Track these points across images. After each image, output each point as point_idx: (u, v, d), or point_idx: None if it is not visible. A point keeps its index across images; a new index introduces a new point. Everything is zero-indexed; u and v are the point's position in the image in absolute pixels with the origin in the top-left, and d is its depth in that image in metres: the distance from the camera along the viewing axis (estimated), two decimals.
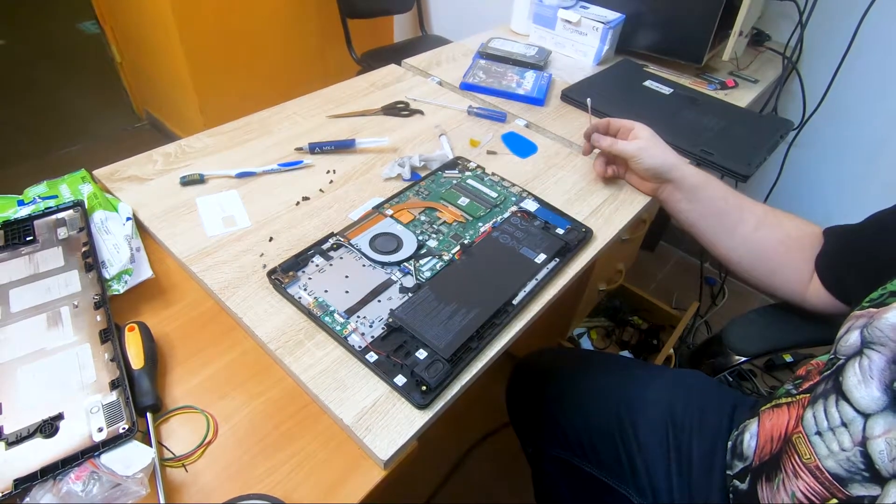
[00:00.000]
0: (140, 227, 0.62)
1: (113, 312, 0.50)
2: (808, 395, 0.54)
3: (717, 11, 0.99)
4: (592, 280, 1.13)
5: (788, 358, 1.42)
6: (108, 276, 0.53)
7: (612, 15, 1.08)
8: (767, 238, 0.67)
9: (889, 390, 0.45)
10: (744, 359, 0.77)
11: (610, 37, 1.07)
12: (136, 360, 0.46)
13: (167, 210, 0.63)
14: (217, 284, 0.55)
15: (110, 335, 0.48)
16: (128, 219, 0.59)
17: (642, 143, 0.70)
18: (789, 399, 0.57)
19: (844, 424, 0.47)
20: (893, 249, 0.56)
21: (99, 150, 2.00)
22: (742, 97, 1.06)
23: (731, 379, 1.32)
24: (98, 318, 0.49)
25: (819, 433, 0.49)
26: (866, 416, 0.45)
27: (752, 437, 0.60)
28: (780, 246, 0.67)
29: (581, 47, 1.09)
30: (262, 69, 1.84)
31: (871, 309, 0.51)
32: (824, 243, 0.65)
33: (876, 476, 0.43)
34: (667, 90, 0.99)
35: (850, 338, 0.51)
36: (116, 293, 0.53)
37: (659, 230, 1.72)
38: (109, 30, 1.96)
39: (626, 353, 1.33)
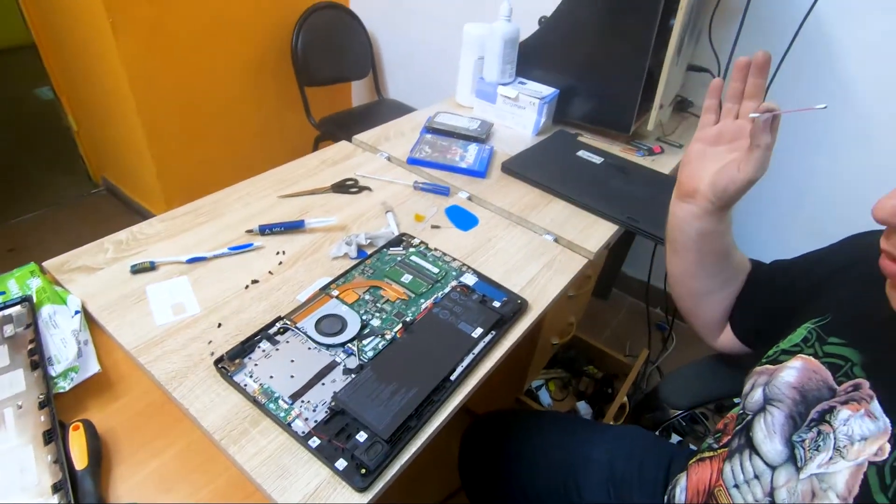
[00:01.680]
0: (89, 319, 0.63)
1: (58, 410, 0.51)
2: (726, 449, 0.58)
3: (639, 87, 1.10)
4: (544, 335, 1.18)
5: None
6: (54, 374, 0.54)
7: (547, 90, 1.18)
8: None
9: (789, 443, 0.50)
10: (678, 413, 0.83)
11: (546, 110, 1.16)
12: (80, 460, 0.47)
13: (117, 300, 0.65)
14: (164, 375, 0.57)
15: (54, 436, 0.49)
16: (76, 312, 0.61)
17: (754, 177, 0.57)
18: (711, 453, 0.62)
19: (757, 477, 0.52)
20: (787, 301, 0.62)
21: (55, 218, 1.98)
22: (668, 162, 1.16)
23: (683, 423, 1.37)
24: (42, 418, 0.50)
25: (737, 485, 0.54)
26: (773, 468, 0.50)
27: (682, 490, 0.64)
28: (710, 297, 0.70)
29: (520, 120, 1.18)
30: (220, 136, 1.89)
31: (769, 366, 0.57)
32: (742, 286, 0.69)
33: None
34: (598, 160, 1.07)
35: (754, 395, 0.57)
36: (62, 391, 0.54)
37: (610, 278, 1.81)
38: (65, 98, 1.98)
39: (582, 404, 1.37)
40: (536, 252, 0.82)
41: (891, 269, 0.41)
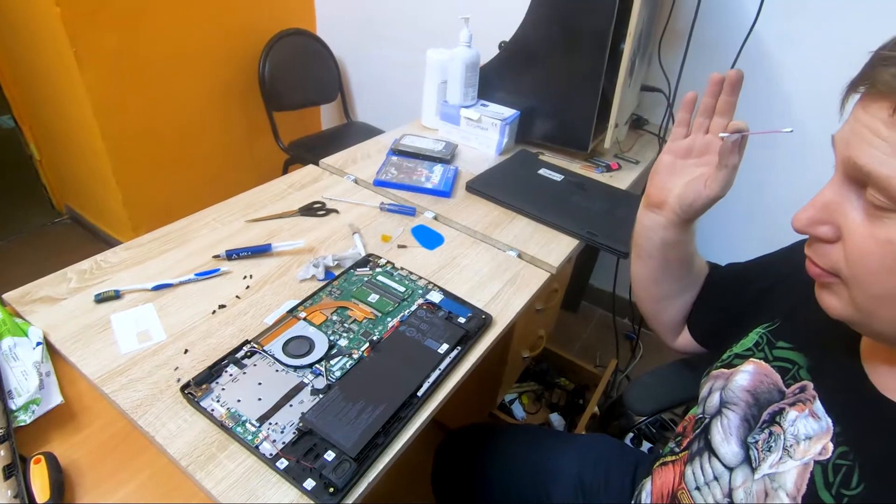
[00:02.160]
0: (52, 350, 0.63)
1: (19, 444, 0.51)
2: (686, 452, 0.61)
3: (595, 107, 1.16)
4: (514, 348, 1.21)
5: None
6: (14, 407, 0.54)
7: (509, 112, 1.23)
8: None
9: (744, 445, 0.53)
10: (644, 418, 0.85)
11: (508, 131, 1.20)
12: (42, 494, 0.47)
13: (81, 330, 0.65)
14: (129, 404, 0.56)
15: (14, 470, 0.48)
16: (38, 343, 0.60)
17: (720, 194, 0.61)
18: (673, 457, 0.64)
19: (716, 478, 0.54)
20: (740, 302, 0.65)
21: (17, 248, 1.92)
22: (625, 178, 1.21)
23: (654, 430, 1.41)
24: (2, 452, 0.50)
25: (698, 488, 0.56)
26: (731, 469, 0.53)
27: (647, 495, 0.66)
28: (671, 300, 0.73)
29: (484, 140, 1.22)
30: (188, 161, 1.88)
31: (724, 370, 0.60)
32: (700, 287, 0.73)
33: None
34: (558, 177, 1.12)
35: (712, 399, 0.59)
36: (23, 424, 0.53)
37: (579, 291, 1.85)
38: (27, 127, 1.95)
39: (555, 416, 1.39)
40: (500, 268, 0.85)
41: (813, 271, 0.45)
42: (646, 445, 1.39)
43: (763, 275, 0.65)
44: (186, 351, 0.64)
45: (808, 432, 0.46)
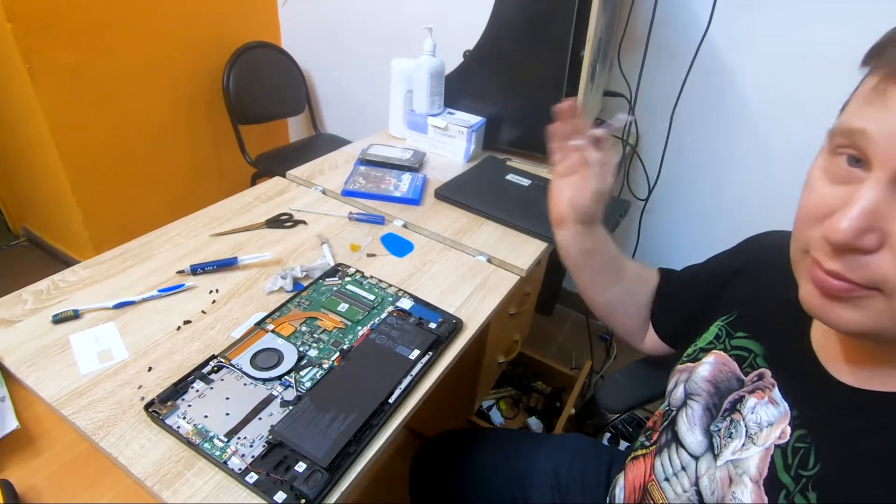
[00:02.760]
0: (6, 374, 0.60)
1: None
2: (656, 445, 0.62)
3: None
4: (489, 354, 1.21)
5: None
6: None
7: (475, 119, 1.24)
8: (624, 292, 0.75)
9: (707, 433, 0.54)
10: (617, 416, 0.87)
11: (474, 138, 1.22)
12: None
13: (37, 352, 0.62)
14: (90, 426, 0.55)
15: None
16: None
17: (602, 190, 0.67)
18: (644, 451, 0.65)
19: (683, 468, 0.55)
20: (700, 302, 0.67)
21: None
22: None
23: (630, 429, 1.42)
24: None
25: (667, 479, 0.57)
26: (696, 458, 0.54)
27: (620, 489, 0.67)
28: (622, 304, 0.76)
29: (451, 148, 1.23)
30: (153, 178, 1.84)
31: (689, 364, 0.62)
32: (657, 291, 0.75)
33: None
34: (526, 182, 1.13)
35: (677, 392, 0.61)
36: None
37: (553, 295, 1.87)
38: None
39: (533, 419, 1.39)
40: (470, 273, 0.85)
41: (838, 287, 0.38)
42: (623, 445, 1.41)
43: (719, 271, 0.68)
44: (150, 369, 0.62)
45: (770, 419, 0.48)
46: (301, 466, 0.52)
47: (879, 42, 0.37)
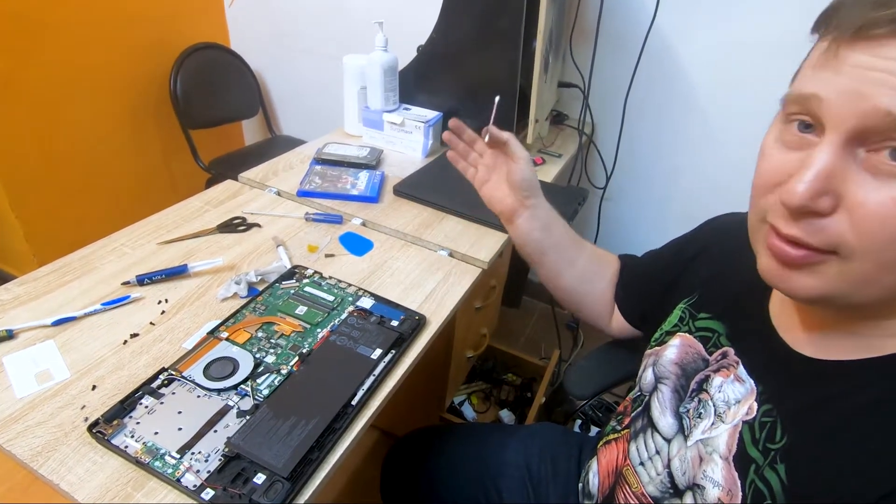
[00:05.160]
0: None
1: None
2: (629, 430, 0.62)
3: (514, 105, 1.18)
4: (458, 349, 1.20)
5: None
6: None
7: (432, 114, 1.23)
8: (583, 274, 0.77)
9: (677, 415, 0.55)
10: (584, 402, 0.87)
11: (432, 133, 1.21)
12: None
13: None
14: (28, 453, 0.51)
15: None
16: None
17: (526, 154, 0.73)
18: (616, 435, 0.65)
19: (657, 452, 0.55)
20: (662, 285, 0.68)
21: None
22: (550, 171, 1.24)
23: (600, 415, 1.44)
24: None
25: (642, 463, 0.57)
26: (668, 441, 0.54)
27: (594, 475, 0.67)
28: (587, 284, 0.77)
29: (409, 143, 1.22)
30: (99, 189, 1.76)
31: (657, 347, 0.62)
32: (619, 274, 0.76)
33: (677, 490, 0.51)
34: None
35: (647, 376, 0.61)
36: None
37: (519, 287, 1.88)
38: None
39: (505, 412, 1.40)
40: (432, 268, 0.84)
41: (794, 255, 0.38)
42: (594, 430, 1.43)
43: (680, 254, 0.68)
44: (94, 387, 0.58)
45: (737, 396, 0.48)
46: (260, 478, 0.50)
47: (827, 9, 0.38)
